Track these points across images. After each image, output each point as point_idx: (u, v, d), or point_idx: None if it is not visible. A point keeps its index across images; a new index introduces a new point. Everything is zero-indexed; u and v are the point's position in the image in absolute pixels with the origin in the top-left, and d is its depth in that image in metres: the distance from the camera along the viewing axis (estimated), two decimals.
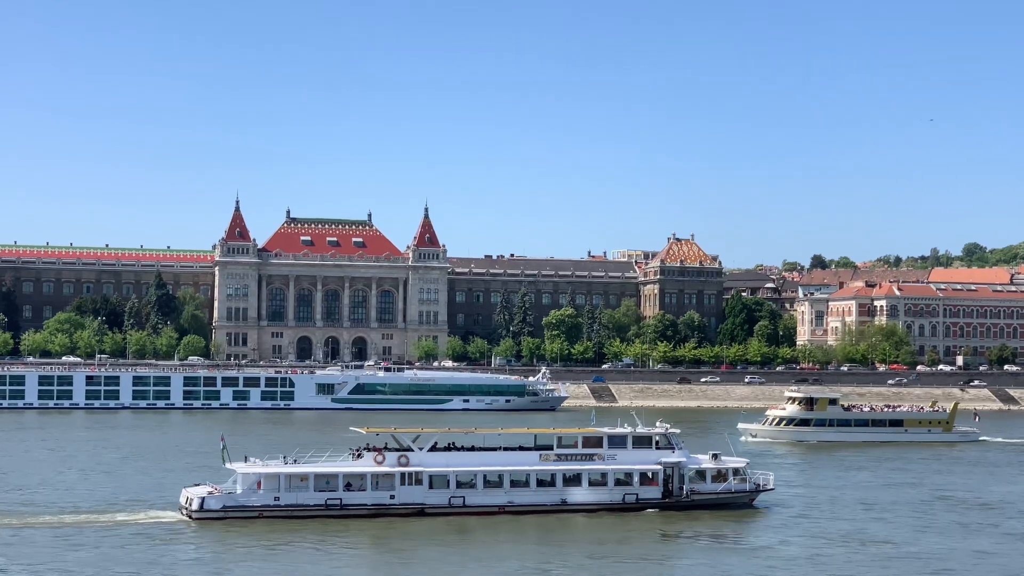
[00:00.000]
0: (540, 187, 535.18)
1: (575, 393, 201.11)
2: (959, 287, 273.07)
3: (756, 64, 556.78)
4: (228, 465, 67.85)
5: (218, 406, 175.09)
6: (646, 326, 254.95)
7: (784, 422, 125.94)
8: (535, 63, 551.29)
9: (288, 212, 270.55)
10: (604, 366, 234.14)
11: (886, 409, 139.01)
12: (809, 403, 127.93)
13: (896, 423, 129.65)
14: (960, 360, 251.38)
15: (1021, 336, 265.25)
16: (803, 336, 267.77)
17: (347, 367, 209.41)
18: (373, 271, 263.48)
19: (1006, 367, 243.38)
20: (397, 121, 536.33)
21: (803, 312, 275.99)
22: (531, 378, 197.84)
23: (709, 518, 68.21)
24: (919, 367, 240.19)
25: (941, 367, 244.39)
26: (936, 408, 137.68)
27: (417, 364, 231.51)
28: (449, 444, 71.30)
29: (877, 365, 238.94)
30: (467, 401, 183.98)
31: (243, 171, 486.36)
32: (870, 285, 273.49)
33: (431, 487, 67.40)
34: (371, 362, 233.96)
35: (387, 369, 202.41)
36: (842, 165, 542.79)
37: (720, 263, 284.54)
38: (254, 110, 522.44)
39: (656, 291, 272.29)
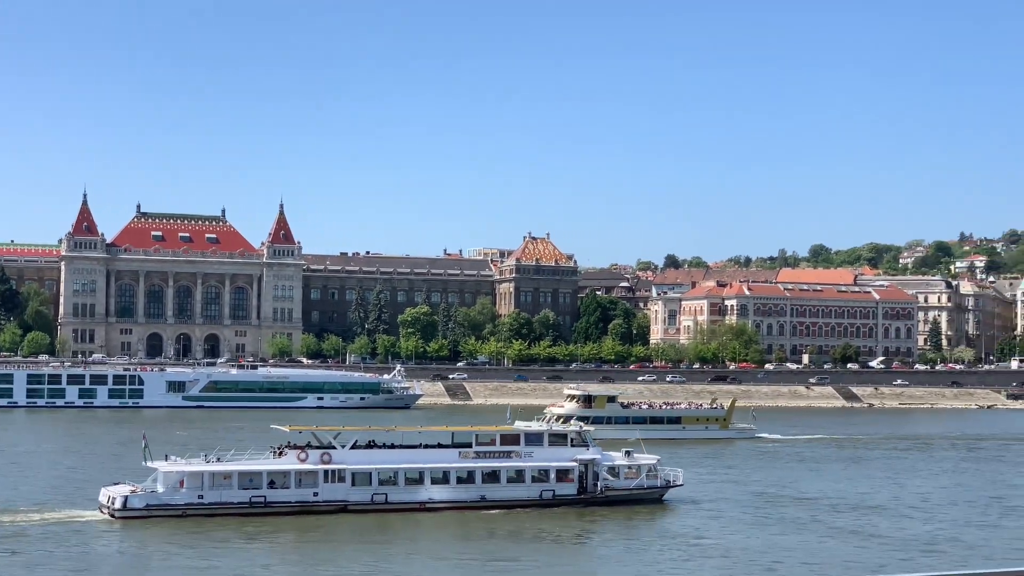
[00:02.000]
0: (396, 185, 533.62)
1: (430, 391, 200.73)
2: (806, 287, 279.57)
3: (612, 62, 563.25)
4: (149, 463, 67.02)
5: (63, 404, 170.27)
6: (501, 324, 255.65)
7: (562, 420, 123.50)
8: (387, 58, 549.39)
9: (139, 207, 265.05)
10: (459, 364, 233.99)
11: (664, 407, 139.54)
12: (587, 401, 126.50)
13: (674, 420, 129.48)
14: (806, 359, 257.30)
15: (864, 335, 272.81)
16: (656, 335, 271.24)
17: (199, 364, 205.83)
18: (227, 267, 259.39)
19: (849, 365, 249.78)
20: (252, 116, 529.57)
21: (656, 311, 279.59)
22: (386, 376, 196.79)
23: (622, 513, 69.38)
24: (767, 365, 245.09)
25: (788, 365, 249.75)
26: (714, 405, 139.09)
27: (271, 361, 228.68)
28: (369, 442, 71.67)
29: (727, 363, 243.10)
30: (321, 399, 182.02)
31: (91, 164, 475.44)
32: (721, 285, 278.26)
33: (354, 484, 67.91)
34: (224, 359, 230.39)
35: (240, 366, 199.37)
36: (695, 166, 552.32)
37: (575, 262, 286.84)
38: (103, 102, 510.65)
39: (511, 289, 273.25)
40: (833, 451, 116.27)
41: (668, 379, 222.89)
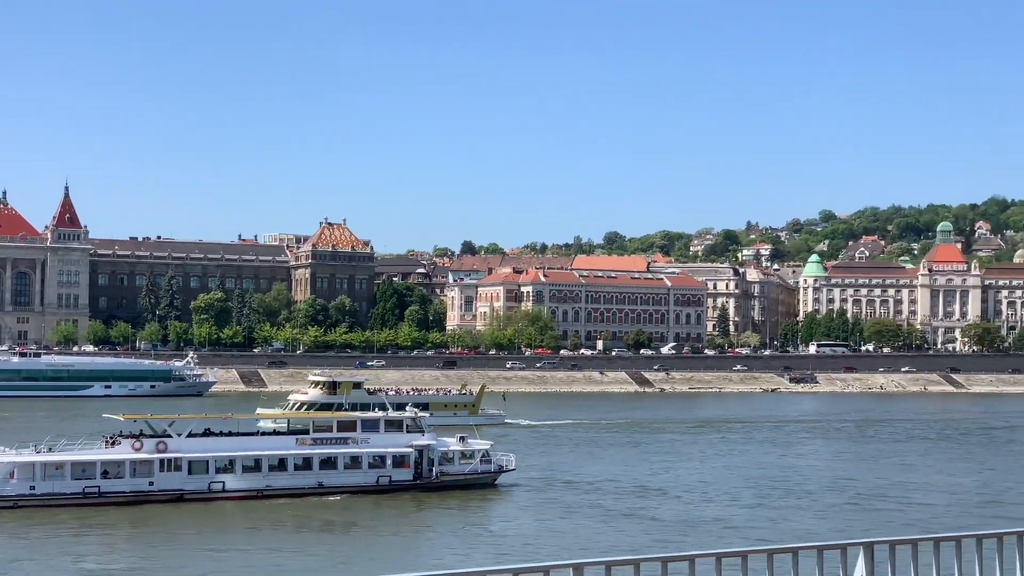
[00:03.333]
0: (190, 168, 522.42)
1: (224, 378, 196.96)
2: (600, 274, 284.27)
3: (404, 47, 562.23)
4: None
5: None
6: (297, 311, 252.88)
7: (306, 407, 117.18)
8: (177, 41, 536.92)
9: None
10: (255, 351, 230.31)
11: (412, 392, 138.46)
12: (332, 387, 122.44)
13: (421, 407, 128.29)
14: (600, 344, 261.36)
15: (656, 321, 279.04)
16: (453, 321, 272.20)
17: None
18: (7, 252, 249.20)
19: (642, 351, 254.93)
20: (34, 94, 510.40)
21: (453, 297, 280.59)
22: (178, 363, 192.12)
23: (457, 498, 70.27)
24: (562, 351, 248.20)
25: (583, 351, 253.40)
26: (464, 391, 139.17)
27: (56, 349, 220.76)
28: (205, 430, 71.28)
29: (523, 349, 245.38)
30: (109, 387, 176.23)
31: None
32: (517, 271, 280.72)
33: (190, 473, 67.20)
34: (4, 347, 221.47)
35: (22, 354, 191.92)
36: (490, 153, 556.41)
37: (372, 248, 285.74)
38: None
39: (307, 275, 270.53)
40: (613, 436, 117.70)
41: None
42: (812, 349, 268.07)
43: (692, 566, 8.78)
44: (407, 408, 79.35)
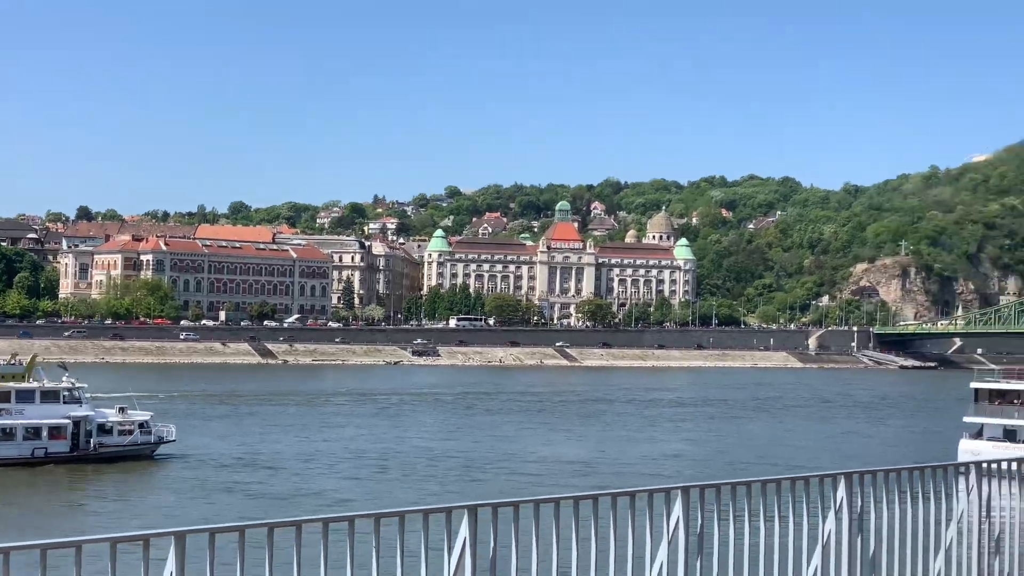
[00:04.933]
0: None
1: None
2: (224, 244, 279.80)
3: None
4: None
5: None
6: None
7: None
8: None
9: None
10: None
11: None
12: None
13: None
14: (223, 315, 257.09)
15: (281, 293, 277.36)
16: (67, 289, 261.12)
17: None
18: None
19: (266, 322, 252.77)
20: None
21: (67, 264, 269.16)
22: None
23: (114, 469, 69.29)
24: (183, 322, 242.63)
25: (205, 322, 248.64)
26: (13, 361, 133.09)
27: None
28: None
29: (143, 320, 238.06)
30: None
31: None
32: (137, 239, 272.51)
33: None
34: None
35: None
36: (108, 115, 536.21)
37: None
38: None
39: None
40: (207, 408, 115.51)
41: None
42: (453, 323, 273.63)
43: (299, 531, 8.70)
44: (63, 379, 76.70)
